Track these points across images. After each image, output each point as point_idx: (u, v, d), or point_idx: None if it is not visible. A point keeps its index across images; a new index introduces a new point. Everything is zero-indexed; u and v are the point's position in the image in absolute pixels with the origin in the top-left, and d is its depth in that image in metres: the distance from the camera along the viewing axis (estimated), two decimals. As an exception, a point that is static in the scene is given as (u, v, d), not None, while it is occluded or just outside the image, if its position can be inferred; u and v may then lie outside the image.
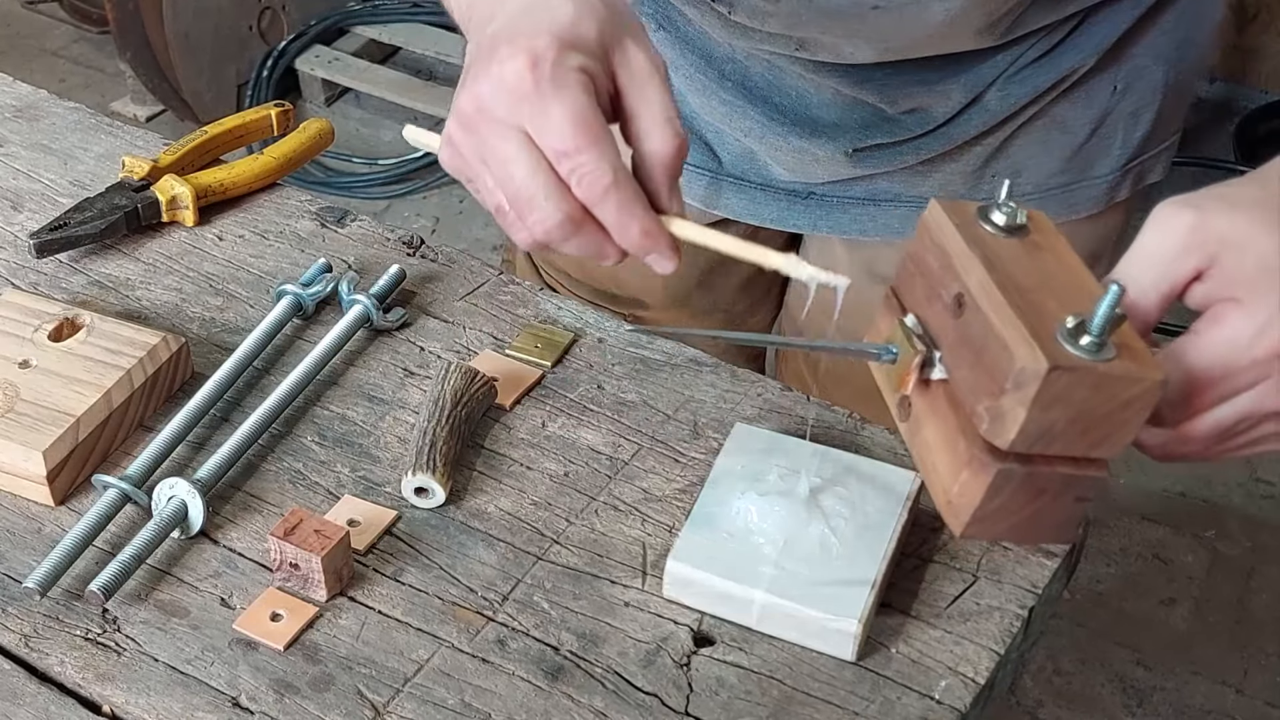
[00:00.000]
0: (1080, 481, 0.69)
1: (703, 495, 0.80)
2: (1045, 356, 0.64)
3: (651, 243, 0.73)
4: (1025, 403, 0.65)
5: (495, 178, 0.73)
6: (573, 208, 0.72)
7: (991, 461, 0.67)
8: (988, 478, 0.67)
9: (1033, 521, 0.70)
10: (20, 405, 0.85)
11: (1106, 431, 0.67)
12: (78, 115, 1.15)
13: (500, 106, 0.72)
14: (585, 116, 0.70)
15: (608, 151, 0.71)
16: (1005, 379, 0.65)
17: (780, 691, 0.74)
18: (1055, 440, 0.67)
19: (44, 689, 0.75)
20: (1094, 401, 0.65)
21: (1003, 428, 0.66)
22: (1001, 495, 0.68)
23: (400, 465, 0.85)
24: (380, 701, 0.73)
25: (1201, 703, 1.93)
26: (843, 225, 1.10)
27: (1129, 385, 0.65)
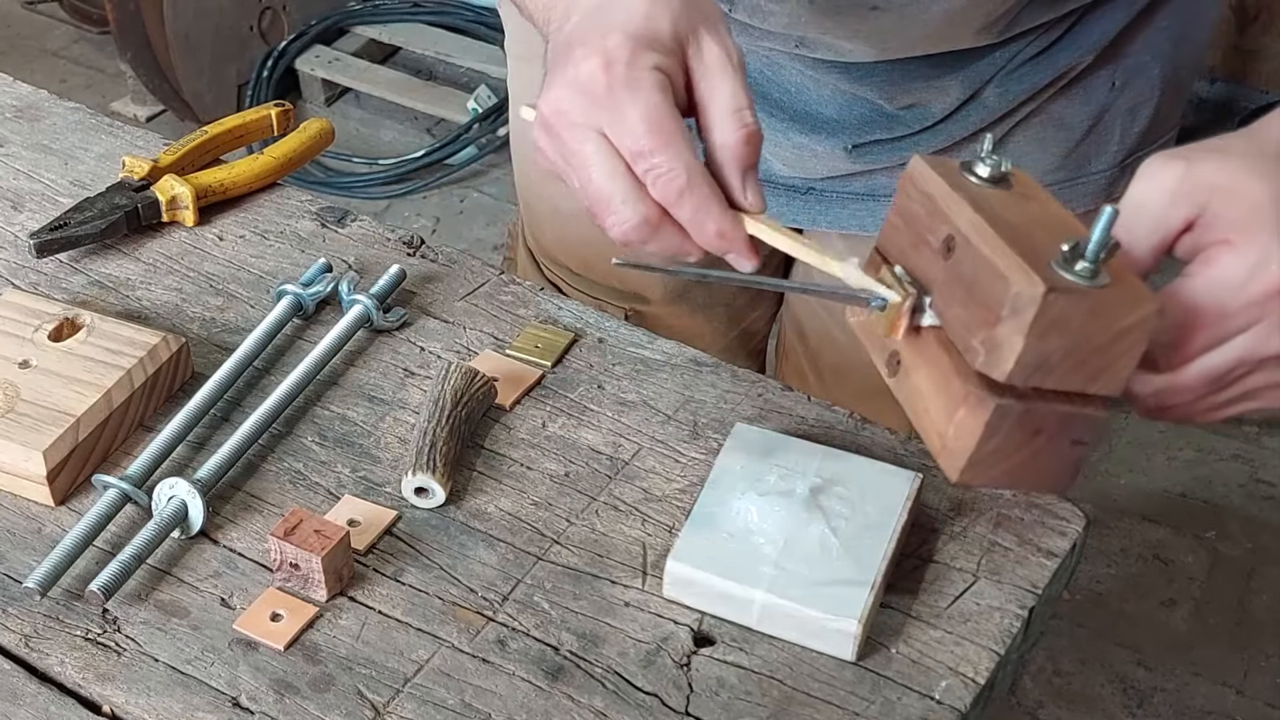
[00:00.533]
0: (1078, 421, 0.68)
1: (703, 495, 0.80)
2: (1041, 280, 0.63)
3: (727, 243, 0.74)
4: (1023, 329, 0.64)
5: (578, 179, 0.74)
6: (650, 210, 0.72)
7: (989, 397, 0.66)
8: (985, 414, 0.66)
9: (1029, 465, 0.69)
10: (20, 405, 0.85)
11: (1102, 364, 0.66)
12: (78, 115, 1.15)
13: (576, 110, 0.72)
14: (660, 117, 0.71)
15: (683, 152, 0.71)
16: (1001, 307, 0.64)
17: (780, 691, 0.74)
18: (1052, 372, 0.65)
19: (44, 689, 0.75)
20: (1090, 330, 0.65)
21: (1000, 358, 0.65)
22: (998, 434, 0.67)
23: (400, 465, 0.85)
24: (380, 702, 0.73)
25: (1202, 704, 1.92)
26: (841, 220, 1.10)
27: (1125, 311, 0.65)
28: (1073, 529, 0.82)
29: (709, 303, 1.25)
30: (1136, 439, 2.32)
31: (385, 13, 3.01)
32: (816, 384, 1.23)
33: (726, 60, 0.74)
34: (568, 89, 0.72)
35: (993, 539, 0.81)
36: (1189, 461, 2.28)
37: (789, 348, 1.27)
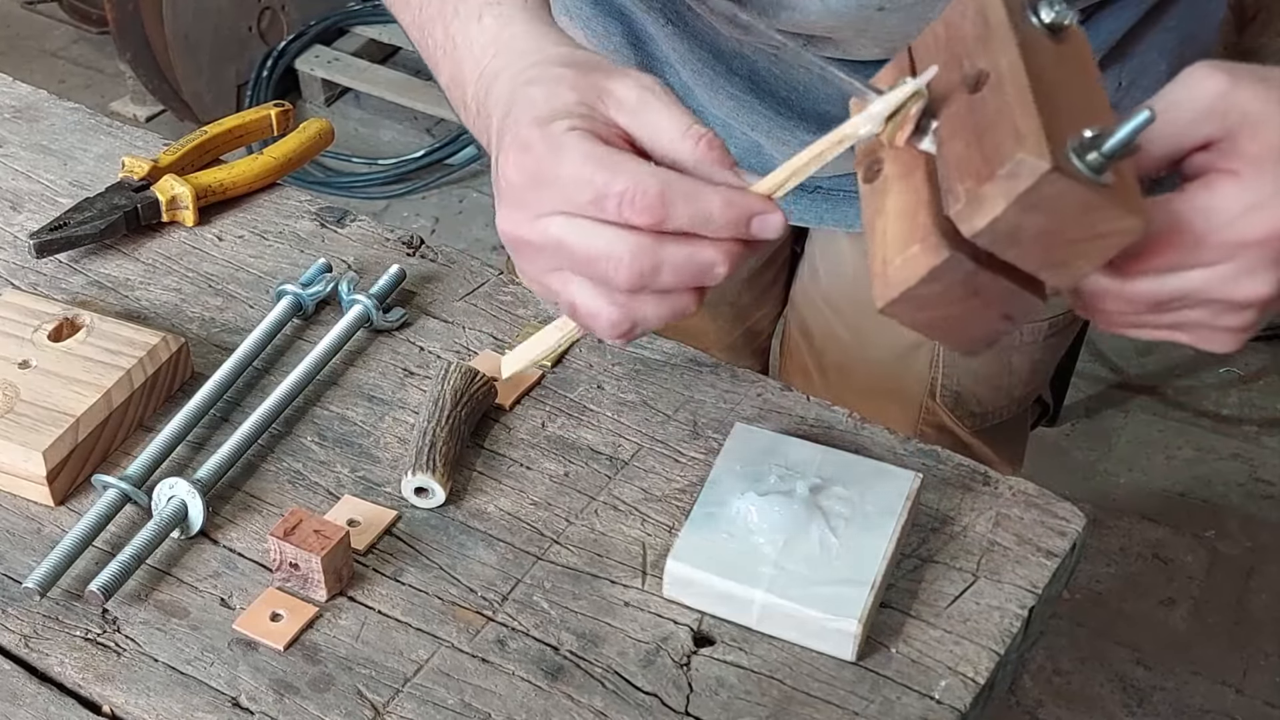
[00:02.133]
0: (1016, 299, 0.67)
1: (703, 495, 0.81)
2: (1051, 155, 0.61)
3: (739, 206, 0.67)
4: (1010, 195, 0.62)
5: (567, 264, 0.68)
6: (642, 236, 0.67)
7: (945, 245, 0.65)
8: (936, 259, 0.65)
9: (953, 323, 0.68)
10: (20, 405, 0.85)
11: (1066, 258, 0.65)
12: (77, 115, 1.15)
13: (525, 206, 0.68)
14: (593, 154, 0.67)
15: (640, 168, 0.67)
16: (1000, 165, 0.62)
17: (780, 691, 0.74)
18: (1016, 247, 0.64)
19: (44, 689, 0.75)
20: (1072, 222, 0.63)
21: (976, 213, 0.63)
22: (940, 282, 0.66)
23: (400, 465, 0.85)
24: (380, 702, 0.73)
25: (1201, 703, 1.93)
26: (848, 219, 1.10)
27: (1112, 218, 0.63)
28: (1072, 529, 0.82)
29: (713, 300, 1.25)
30: (1136, 438, 2.32)
31: (385, 13, 2.98)
32: (820, 382, 1.23)
33: (647, 94, 0.70)
34: (503, 201, 0.69)
35: (992, 539, 0.81)
36: (1188, 461, 2.28)
37: (793, 346, 1.28)
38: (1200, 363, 2.45)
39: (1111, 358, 2.47)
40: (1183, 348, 2.61)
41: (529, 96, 0.70)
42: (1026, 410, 1.27)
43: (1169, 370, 2.45)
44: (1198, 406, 2.38)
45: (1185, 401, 2.39)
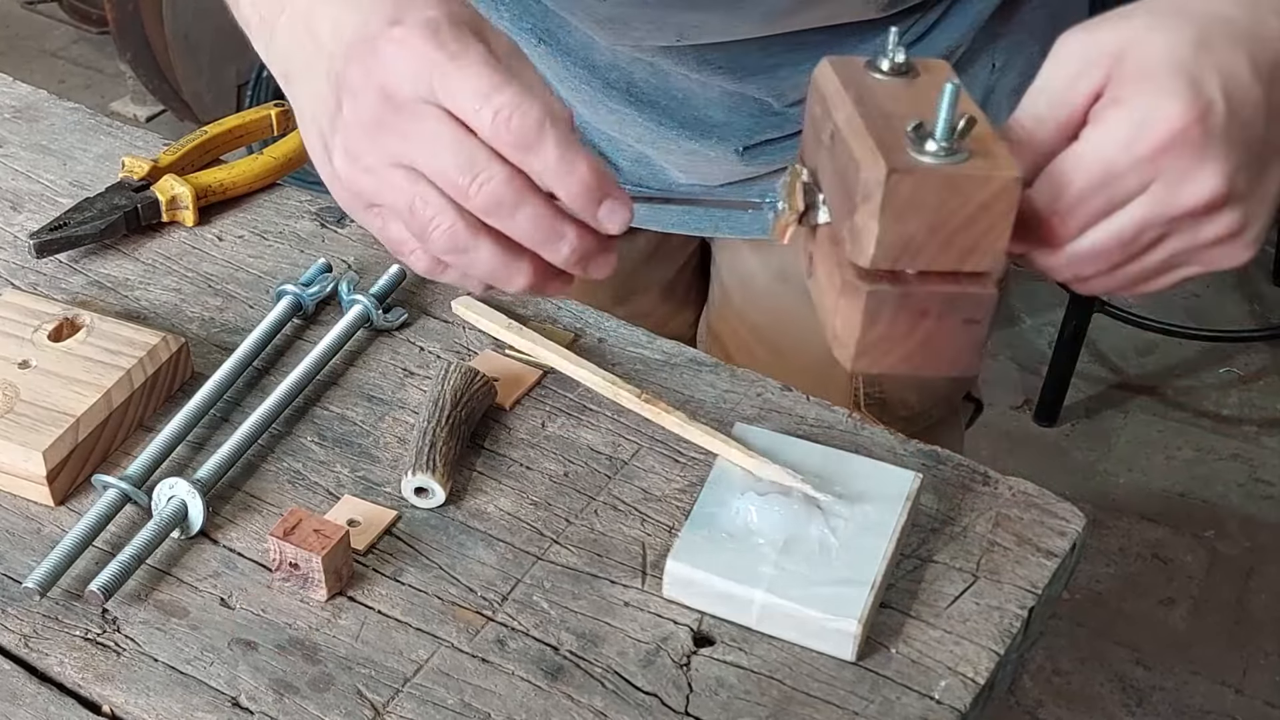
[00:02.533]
0: (962, 300, 0.67)
1: (702, 495, 0.81)
2: (885, 162, 0.63)
3: (601, 183, 0.65)
4: (875, 213, 0.64)
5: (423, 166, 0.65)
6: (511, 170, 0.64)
7: (861, 284, 0.66)
8: (860, 300, 0.66)
9: (925, 349, 0.69)
10: (20, 405, 0.85)
11: (972, 241, 0.65)
12: (77, 115, 1.15)
13: (405, 85, 0.65)
14: (498, 61, 0.65)
15: (534, 86, 0.65)
16: (856, 193, 0.65)
17: (780, 691, 0.74)
18: (920, 253, 0.65)
19: (44, 689, 0.75)
20: (948, 206, 0.64)
21: (862, 244, 0.65)
22: (881, 320, 0.67)
23: (400, 465, 0.85)
24: (380, 701, 0.73)
25: (1201, 703, 1.93)
26: (743, 226, 1.09)
27: (980, 185, 0.64)
28: (1072, 529, 0.82)
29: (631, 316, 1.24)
30: (1136, 438, 2.32)
31: (385, 12, 3.01)
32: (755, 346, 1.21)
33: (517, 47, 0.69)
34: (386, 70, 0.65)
35: (992, 539, 0.81)
36: (1188, 461, 2.28)
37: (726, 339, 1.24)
38: (1201, 363, 2.46)
39: (1111, 358, 2.48)
40: (1182, 347, 2.62)
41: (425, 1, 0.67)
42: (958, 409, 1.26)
43: (1169, 370, 2.45)
44: (1198, 407, 2.38)
45: (1185, 402, 2.39)
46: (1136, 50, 0.66)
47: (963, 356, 0.70)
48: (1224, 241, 0.69)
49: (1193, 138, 0.65)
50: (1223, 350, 2.48)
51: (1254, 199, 0.68)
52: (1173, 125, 0.65)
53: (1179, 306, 2.55)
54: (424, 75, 0.65)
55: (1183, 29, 0.66)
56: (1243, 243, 0.69)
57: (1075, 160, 0.67)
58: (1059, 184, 0.67)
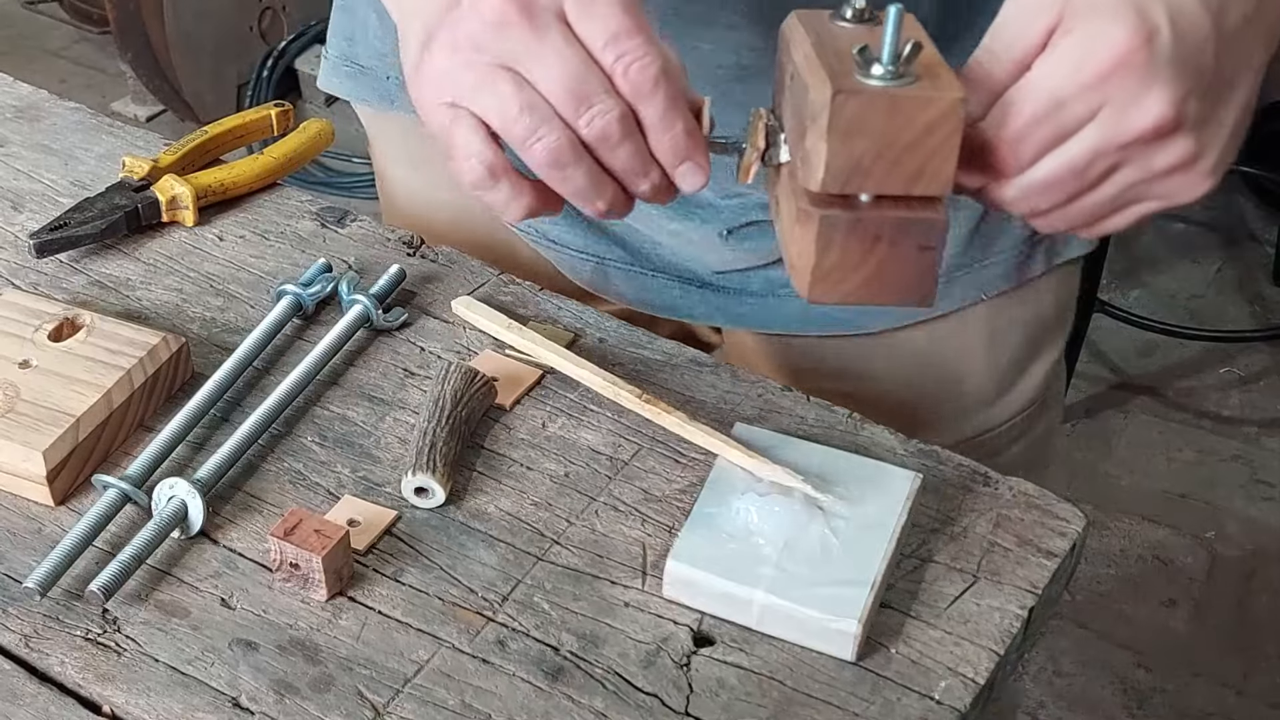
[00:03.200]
0: (914, 225, 0.68)
1: (703, 495, 0.81)
2: (830, 85, 0.64)
3: (693, 144, 0.69)
4: (822, 134, 0.65)
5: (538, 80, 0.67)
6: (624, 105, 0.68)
7: (814, 209, 0.68)
8: (814, 226, 0.68)
9: (881, 276, 0.70)
10: (20, 405, 0.85)
11: (919, 163, 0.66)
12: (78, 115, 1.15)
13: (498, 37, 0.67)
14: (633, 5, 0.67)
15: (655, 40, 0.68)
16: (806, 118, 0.66)
17: (780, 692, 0.74)
18: (869, 176, 0.66)
19: (44, 689, 0.75)
20: (893, 127, 0.65)
21: (811, 167, 0.67)
22: (834, 247, 0.68)
23: (400, 465, 0.85)
24: (380, 702, 0.73)
25: (1202, 705, 1.93)
26: (739, 316, 1.06)
27: (924, 106, 0.65)
28: (1073, 529, 0.82)
29: None
30: (1136, 439, 2.32)
31: (385, 13, 3.01)
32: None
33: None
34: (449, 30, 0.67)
35: (992, 539, 0.81)
36: (1189, 462, 2.28)
37: None
38: (1201, 363, 2.46)
39: (1111, 358, 2.48)
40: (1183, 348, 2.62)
41: None
42: None
43: (1169, 371, 2.45)
44: (1198, 408, 2.38)
45: (1186, 403, 2.39)
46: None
47: (918, 284, 0.71)
48: (1178, 171, 0.69)
49: (1138, 62, 0.65)
50: (1223, 351, 2.48)
51: (1208, 128, 0.68)
52: (1117, 49, 0.65)
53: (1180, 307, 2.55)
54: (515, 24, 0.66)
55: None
56: (1198, 173, 0.69)
57: (1024, 89, 0.67)
58: (1008, 113, 0.68)
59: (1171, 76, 0.66)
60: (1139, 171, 0.69)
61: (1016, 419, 1.12)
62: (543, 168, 0.70)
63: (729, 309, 1.07)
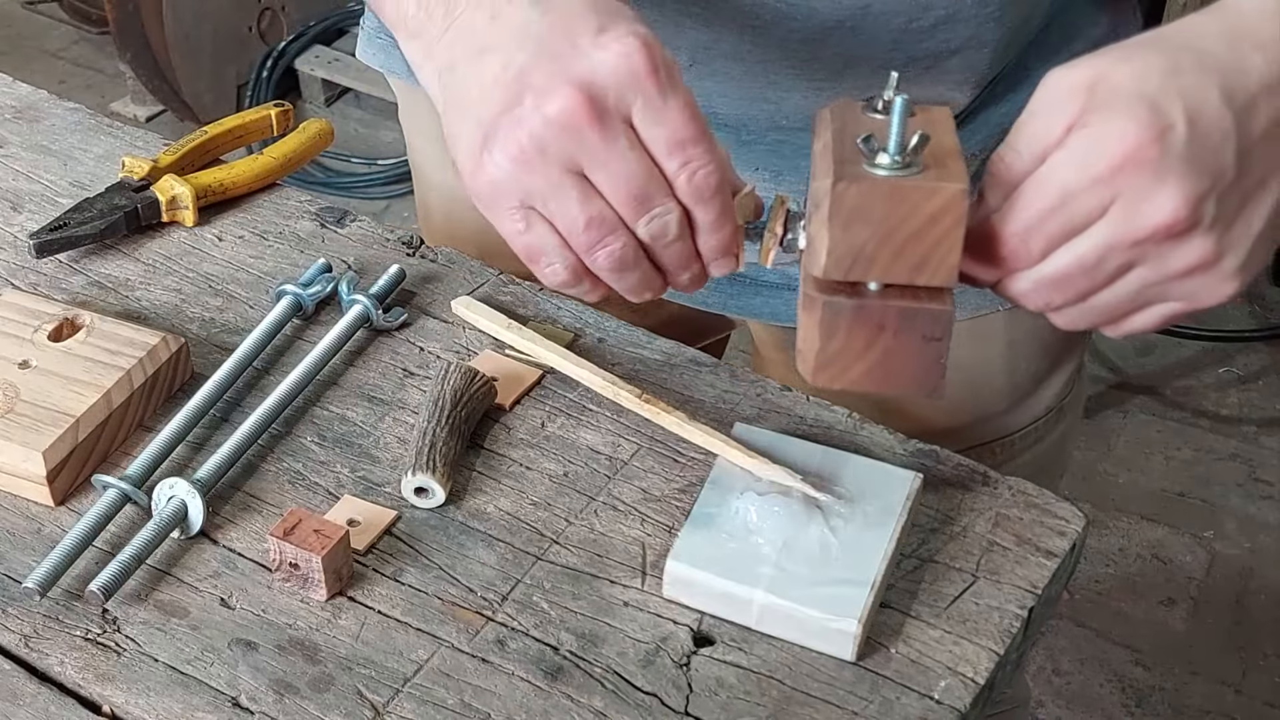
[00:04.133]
0: (919, 315, 0.69)
1: (702, 495, 0.81)
2: (834, 173, 0.65)
3: (735, 243, 0.72)
4: (824, 221, 0.66)
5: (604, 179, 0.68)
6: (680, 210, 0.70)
7: (818, 295, 0.68)
8: (817, 312, 0.69)
9: (886, 365, 0.70)
10: (20, 405, 0.85)
11: (924, 253, 0.67)
12: (78, 116, 1.15)
13: (610, 95, 0.67)
14: (696, 109, 0.68)
15: (716, 145, 0.69)
16: (813, 206, 0.68)
17: (780, 691, 0.74)
18: (872, 264, 0.67)
19: (44, 689, 0.75)
20: (897, 217, 0.66)
21: (815, 253, 0.68)
22: (838, 333, 0.69)
23: (400, 465, 0.85)
24: (380, 702, 0.74)
25: (1200, 703, 1.93)
26: (754, 308, 1.07)
27: (927, 196, 0.65)
28: (1072, 529, 0.82)
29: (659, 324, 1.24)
30: (1135, 439, 2.32)
31: (385, 13, 3.01)
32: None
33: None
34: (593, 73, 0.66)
35: (992, 539, 0.81)
36: (1187, 461, 2.28)
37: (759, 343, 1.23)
38: (1200, 363, 2.46)
39: (1111, 358, 2.48)
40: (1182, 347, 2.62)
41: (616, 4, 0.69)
42: None
43: (1168, 370, 2.45)
44: (1197, 407, 2.38)
45: (1184, 402, 2.39)
46: (1106, 80, 0.66)
47: (924, 375, 0.71)
48: (1197, 272, 0.67)
49: (1149, 157, 0.64)
50: (1222, 350, 2.48)
51: (1232, 230, 0.67)
52: (1127, 144, 0.65)
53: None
54: (632, 93, 0.67)
55: (1153, 58, 0.66)
56: (1219, 275, 0.68)
57: (1034, 182, 0.67)
58: (1018, 205, 0.68)
59: (1185, 174, 0.65)
60: (1154, 271, 0.68)
61: (1031, 427, 1.12)
62: (604, 272, 0.72)
63: (743, 299, 1.07)
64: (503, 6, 0.71)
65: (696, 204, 0.69)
